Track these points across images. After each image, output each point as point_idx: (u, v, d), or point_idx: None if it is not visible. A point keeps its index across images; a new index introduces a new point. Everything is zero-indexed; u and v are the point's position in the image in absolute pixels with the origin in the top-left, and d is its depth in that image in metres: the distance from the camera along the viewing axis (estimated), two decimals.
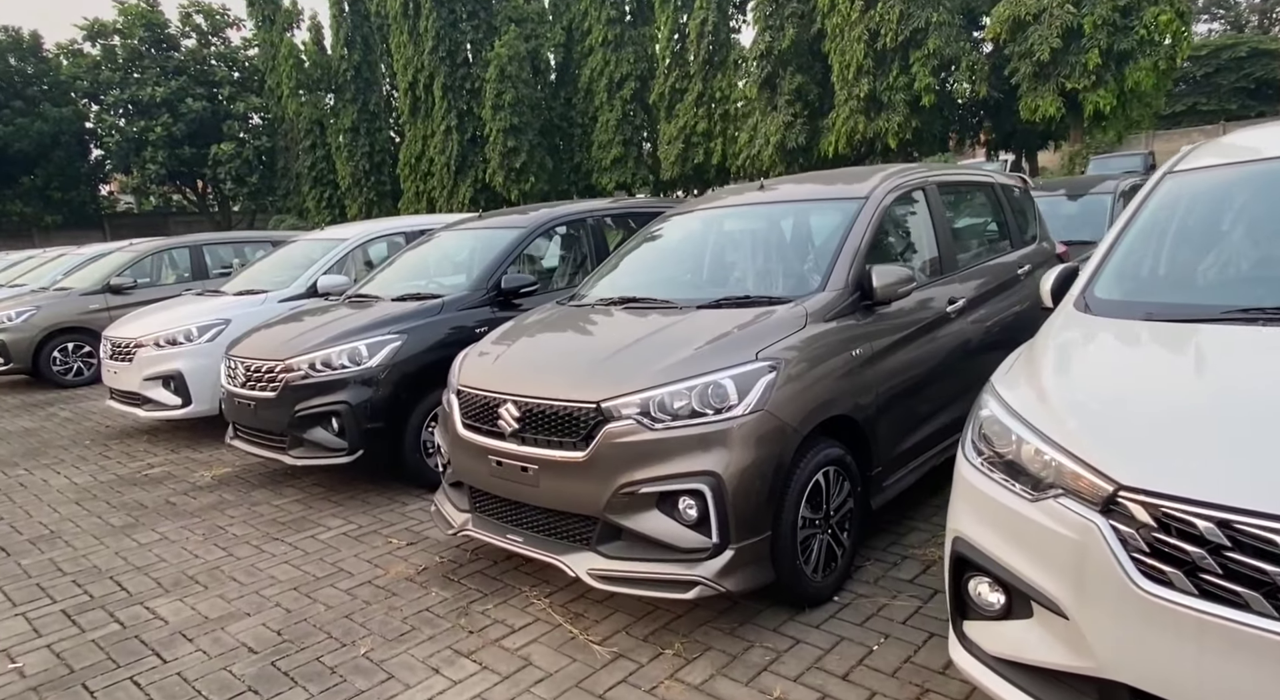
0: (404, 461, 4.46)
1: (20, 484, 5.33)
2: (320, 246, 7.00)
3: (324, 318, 4.83)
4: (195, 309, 6.21)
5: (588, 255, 5.62)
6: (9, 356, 8.99)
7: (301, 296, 6.40)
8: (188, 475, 5.29)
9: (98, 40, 37.05)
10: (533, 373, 2.93)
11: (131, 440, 6.41)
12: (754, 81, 17.55)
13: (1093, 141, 14.01)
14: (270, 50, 35.37)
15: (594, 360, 2.79)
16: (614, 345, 2.87)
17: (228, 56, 38.94)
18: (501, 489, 2.94)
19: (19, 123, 34.61)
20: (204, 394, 5.91)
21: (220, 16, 38.75)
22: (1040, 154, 20.24)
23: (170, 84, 35.80)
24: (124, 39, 36.49)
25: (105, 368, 6.41)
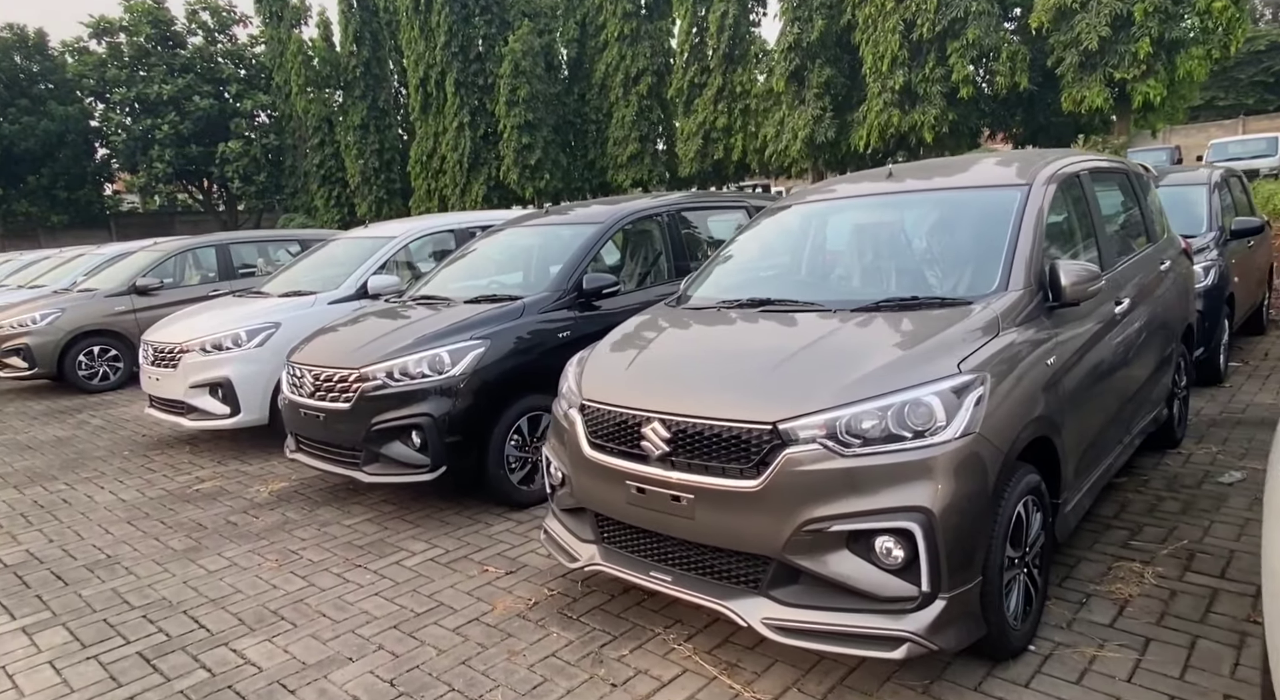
0: (486, 478, 4.12)
1: (64, 500, 5.00)
2: (366, 245, 6.66)
3: (395, 322, 4.49)
4: (242, 312, 5.87)
5: (661, 253, 5.28)
6: (34, 361, 8.66)
7: (352, 298, 6.08)
8: (243, 491, 4.95)
9: (104, 38, 36.67)
10: (683, 387, 2.58)
11: (173, 451, 6.08)
12: (781, 75, 17.15)
13: (1135, 134, 13.61)
14: (278, 47, 34.95)
15: (760, 374, 2.44)
16: (776, 355, 2.53)
17: (235, 54, 38.54)
18: (642, 520, 2.59)
19: (25, 121, 34.25)
20: (253, 402, 5.58)
21: (227, 13, 38.33)
22: (1071, 147, 19.87)
23: (177, 82, 35.39)
24: (130, 36, 36.10)
25: (145, 374, 6.07)
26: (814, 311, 2.85)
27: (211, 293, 9.78)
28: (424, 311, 4.57)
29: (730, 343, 2.82)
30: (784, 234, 3.71)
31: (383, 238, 6.58)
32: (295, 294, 6.17)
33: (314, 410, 4.25)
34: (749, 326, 2.90)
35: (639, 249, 5.32)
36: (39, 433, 7.04)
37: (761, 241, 3.76)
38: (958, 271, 2.90)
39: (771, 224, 3.80)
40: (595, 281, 4.48)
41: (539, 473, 4.29)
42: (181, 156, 35.93)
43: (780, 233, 3.74)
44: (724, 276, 3.61)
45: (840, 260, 3.39)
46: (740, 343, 2.80)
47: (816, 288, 3.29)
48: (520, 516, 4.14)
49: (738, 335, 2.87)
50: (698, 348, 2.88)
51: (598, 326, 4.54)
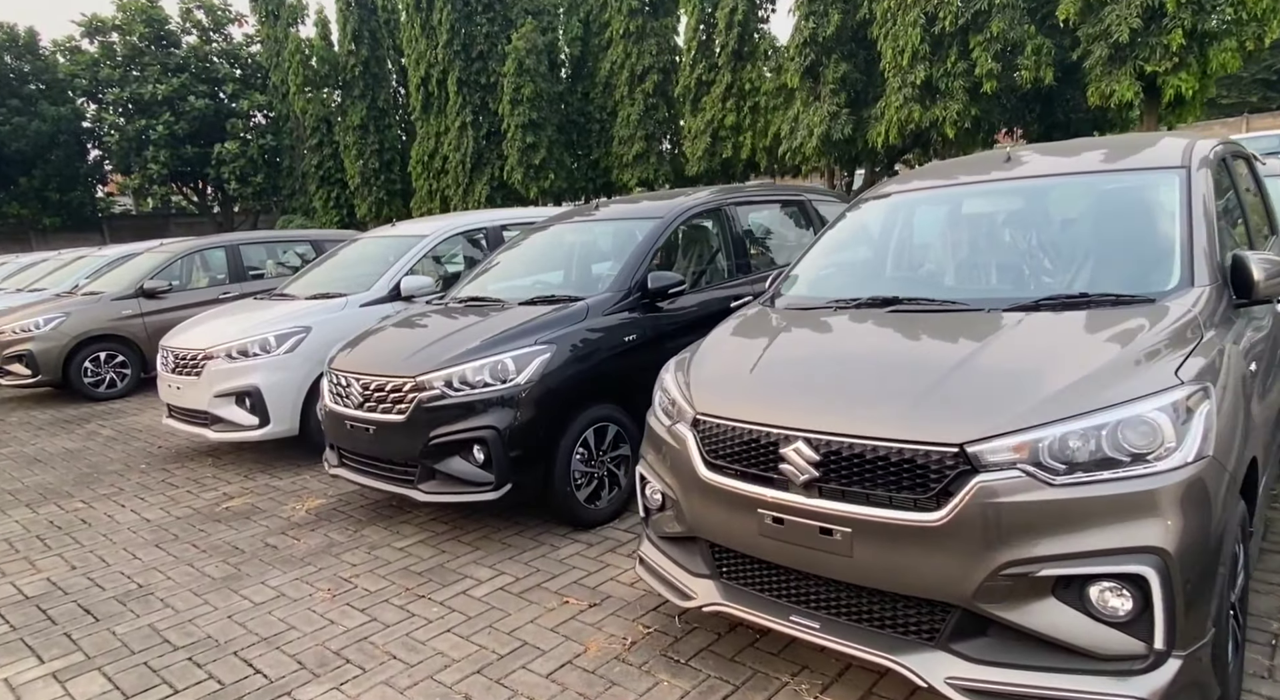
0: (552, 495, 3.77)
1: (82, 520, 4.62)
2: (395, 244, 6.30)
3: (447, 326, 4.14)
4: (268, 315, 5.50)
5: (719, 250, 4.94)
6: (37, 367, 8.27)
7: (384, 300, 5.72)
8: (276, 509, 4.59)
9: (96, 37, 36.13)
10: (832, 400, 2.24)
11: (194, 464, 5.71)
12: (795, 71, 16.81)
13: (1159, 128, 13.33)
14: (274, 46, 34.50)
15: (928, 385, 2.10)
16: (939, 363, 2.19)
17: (230, 53, 38.05)
18: (780, 555, 2.25)
19: (16, 122, 33.69)
20: (284, 412, 5.22)
21: (222, 12, 37.83)
22: None
23: (172, 82, 34.88)
24: (123, 36, 35.57)
25: (164, 382, 5.70)
26: (959, 311, 2.51)
27: (221, 296, 9.42)
28: (477, 315, 4.22)
29: (873, 348, 2.48)
30: (891, 226, 3.37)
31: (413, 237, 6.22)
32: (324, 296, 5.81)
33: (363, 423, 3.89)
34: (885, 329, 2.56)
35: (696, 246, 4.98)
36: (46, 444, 6.65)
37: (862, 235, 3.42)
38: (1119, 264, 2.57)
39: (873, 215, 3.46)
40: (661, 281, 4.14)
41: (605, 489, 3.96)
42: (176, 158, 35.44)
43: (885, 224, 3.40)
44: (825, 273, 3.28)
45: (969, 253, 3.05)
46: (886, 348, 2.46)
47: (948, 284, 2.95)
48: (588, 538, 3.80)
49: (878, 340, 2.52)
50: (833, 354, 2.53)
51: (662, 330, 4.23)
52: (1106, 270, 2.57)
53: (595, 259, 4.80)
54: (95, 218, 40.20)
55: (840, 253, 3.36)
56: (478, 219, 6.70)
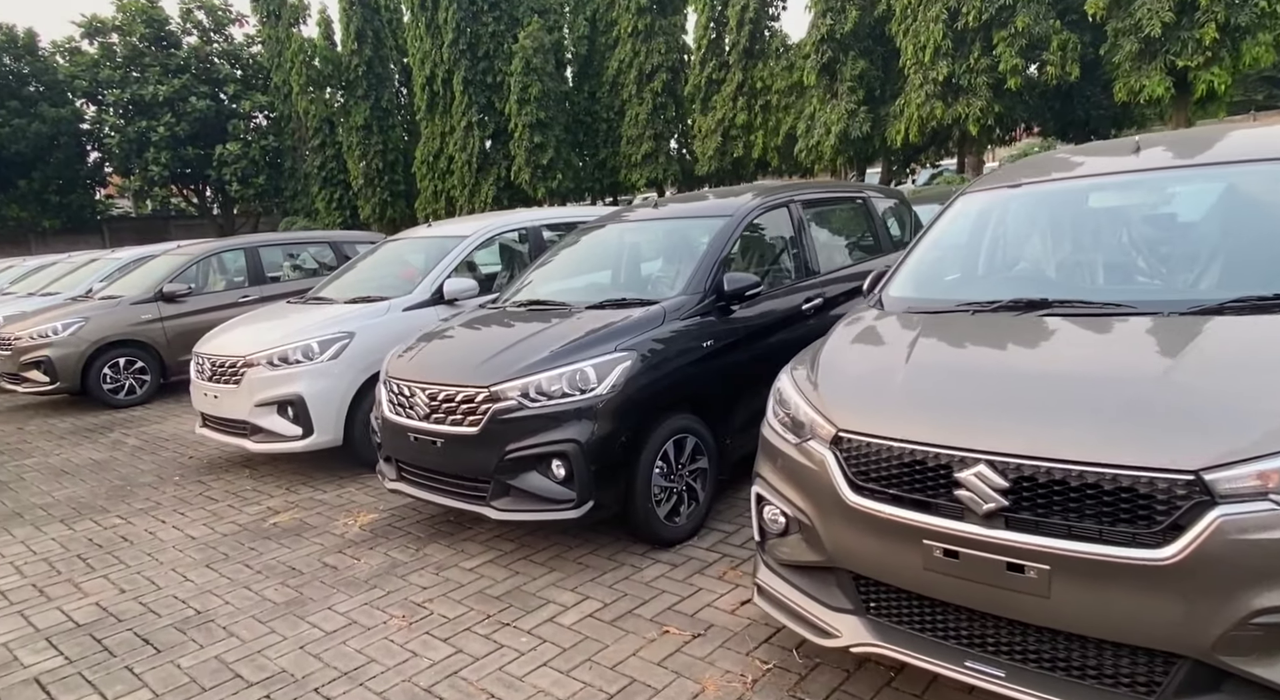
0: (633, 513, 3.54)
1: (123, 538, 4.38)
2: (435, 245, 6.07)
3: (515, 332, 3.91)
4: (309, 321, 5.26)
5: (784, 250, 4.71)
6: (56, 374, 8.01)
7: (427, 304, 5.49)
8: (328, 524, 4.35)
9: (96, 38, 35.79)
10: (1017, 416, 1.98)
11: (230, 476, 5.47)
12: (812, 68, 16.61)
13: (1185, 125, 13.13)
14: (276, 46, 34.22)
15: (1132, 401, 1.86)
16: (1138, 376, 1.96)
17: (231, 54, 37.73)
18: (954, 593, 2.01)
19: (15, 124, 33.33)
20: (328, 422, 4.98)
21: (223, 12, 37.50)
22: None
23: (173, 82, 34.56)
24: (123, 36, 35.23)
25: (200, 390, 5.46)
26: (1131, 315, 2.29)
27: (241, 299, 9.19)
28: (543, 319, 3.99)
29: (1045, 358, 2.24)
30: (1018, 220, 3.13)
31: (453, 238, 5.98)
32: (364, 300, 5.57)
33: (429, 435, 3.66)
34: (1051, 336, 2.33)
35: (761, 246, 4.74)
36: (71, 455, 6.40)
37: (980, 229, 3.18)
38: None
39: (992, 208, 3.22)
40: (737, 282, 3.91)
41: (684, 505, 3.73)
42: (177, 159, 35.11)
43: (1010, 218, 3.16)
44: (941, 272, 3.05)
45: (1124, 250, 2.79)
46: (1060, 358, 2.22)
47: (1101, 285, 2.72)
48: (669, 557, 3.57)
49: (1049, 349, 2.29)
50: (995, 364, 2.29)
51: (736, 335, 4.01)
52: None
53: (660, 260, 4.58)
54: (94, 220, 39.88)
55: (956, 249, 3.13)
56: (517, 219, 6.47)
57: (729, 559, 3.48)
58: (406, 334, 5.27)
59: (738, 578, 3.29)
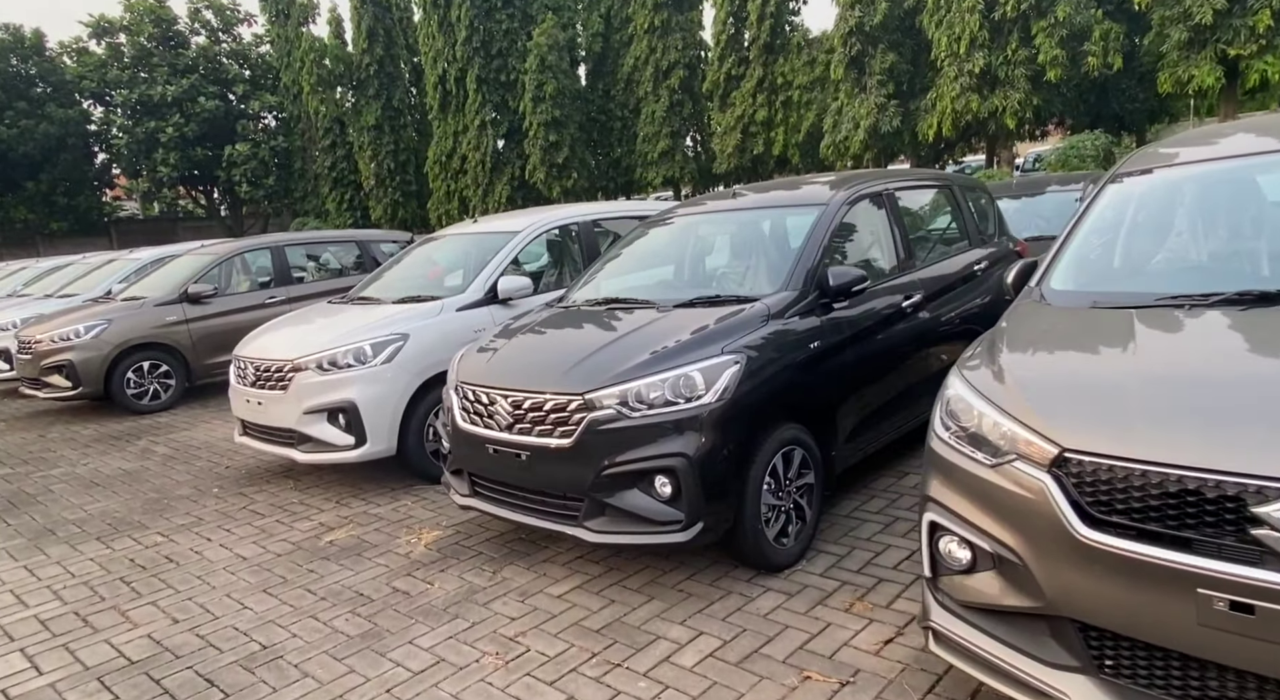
0: (741, 534, 3.19)
1: (167, 558, 4.04)
2: (485, 242, 5.73)
3: (600, 333, 3.56)
4: (360, 322, 4.92)
5: (877, 241, 4.35)
6: (78, 379, 7.69)
7: (481, 303, 5.15)
8: (389, 543, 4.01)
9: (104, 38, 35.57)
10: None
11: (272, 487, 5.13)
12: (839, 62, 16.26)
13: None
14: (285, 46, 33.98)
15: None
16: None
17: (239, 53, 37.48)
18: (1244, 656, 1.62)
19: (23, 125, 33.10)
20: (382, 430, 4.64)
21: (231, 12, 37.25)
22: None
23: (181, 83, 34.32)
24: (131, 36, 35.00)
25: (241, 397, 5.12)
26: None
27: (268, 300, 8.87)
28: (631, 319, 3.64)
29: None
30: (1201, 203, 2.77)
31: (504, 233, 5.64)
32: (413, 300, 5.24)
33: (512, 447, 3.31)
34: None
35: (854, 238, 4.37)
36: (99, 464, 6.08)
37: (1153, 214, 2.82)
38: None
39: (1164, 191, 2.86)
40: (843, 277, 3.56)
41: (792, 524, 3.38)
42: (186, 160, 34.86)
43: (1188, 201, 2.80)
44: (1120, 261, 2.69)
45: None
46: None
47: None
48: (780, 584, 3.22)
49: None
50: (1257, 370, 1.93)
51: (841, 335, 3.66)
52: None
53: (745, 253, 4.22)
54: (102, 222, 39.69)
55: (1129, 237, 2.77)
56: (567, 214, 6.10)
57: (851, 588, 3.13)
58: (461, 335, 4.96)
59: (868, 611, 2.94)
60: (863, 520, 3.76)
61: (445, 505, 4.46)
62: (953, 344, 4.49)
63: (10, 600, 3.66)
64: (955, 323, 4.49)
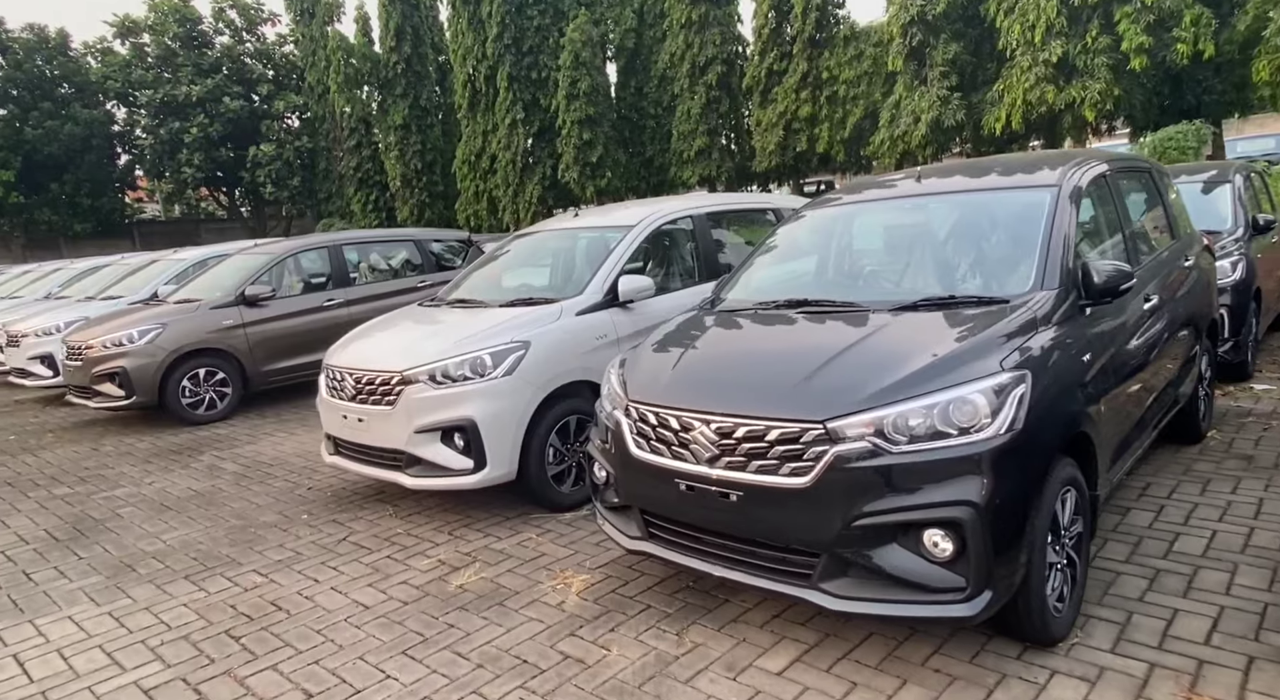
0: (1028, 602, 2.54)
1: (273, 604, 3.45)
2: (594, 238, 5.15)
3: (812, 344, 2.94)
4: (473, 328, 4.32)
5: (1101, 232, 3.69)
6: (132, 387, 7.15)
7: (600, 306, 4.55)
8: (529, 588, 3.40)
9: (128, 38, 35.35)
10: None
11: (369, 514, 4.54)
12: (898, 53, 15.58)
13: None
14: (310, 45, 33.63)
15: None
16: None
17: (263, 53, 37.17)
18: None
19: (48, 126, 32.92)
20: (503, 452, 4.04)
21: (255, 11, 36.95)
22: None
23: (206, 82, 34.03)
24: (156, 36, 34.74)
25: (336, 412, 4.52)
26: None
27: (326, 303, 8.34)
28: (841, 326, 3.02)
29: None
30: None
31: (619, 227, 5.03)
32: (524, 302, 4.64)
33: (717, 486, 2.67)
34: None
35: (1084, 226, 3.70)
36: (165, 483, 5.51)
37: None
38: None
39: None
40: (1108, 274, 2.93)
41: (1073, 585, 2.74)
42: (210, 161, 34.57)
43: None
44: None
45: None
46: None
47: None
48: (1064, 665, 2.56)
49: None
50: None
51: (1103, 344, 3.04)
52: None
53: (964, 245, 3.55)
54: (124, 224, 39.54)
55: None
56: (680, 206, 5.47)
57: (1166, 671, 2.48)
58: (583, 343, 4.39)
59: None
60: (1114, 571, 3.12)
61: (580, 541, 3.87)
62: (1177, 347, 3.86)
63: (102, 660, 3.08)
64: (1179, 323, 3.87)
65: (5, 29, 33.32)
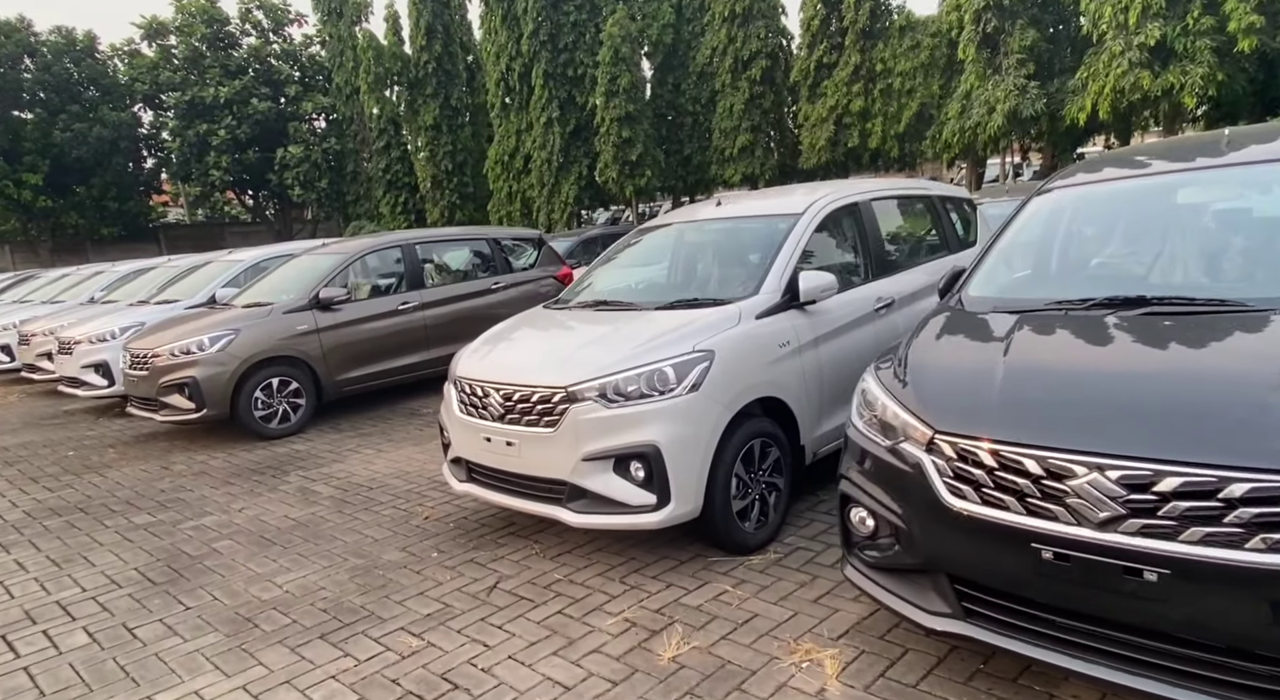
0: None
1: (446, 679, 2.78)
2: (757, 228, 4.47)
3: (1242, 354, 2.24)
4: (639, 336, 3.64)
5: None
6: (202, 399, 6.55)
7: (779, 308, 3.87)
8: (764, 666, 2.72)
9: (155, 40, 35.11)
10: None
11: (508, 551, 3.88)
12: (969, 39, 14.82)
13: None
14: (338, 45, 33.25)
15: None
16: None
17: (289, 54, 36.85)
18: None
19: (77, 128, 32.71)
20: (688, 485, 3.37)
21: (281, 11, 36.63)
22: None
23: (233, 84, 33.73)
24: (184, 37, 34.47)
25: (476, 434, 3.85)
26: None
27: (401, 306, 7.73)
28: (1247, 330, 2.31)
29: None
30: None
31: (783, 215, 4.34)
32: (687, 304, 3.96)
33: (1128, 557, 1.92)
34: None
35: None
36: (256, 510, 4.88)
37: None
38: None
39: None
40: None
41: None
42: (238, 163, 34.23)
43: None
44: None
45: None
46: None
47: None
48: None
49: None
50: None
51: None
52: None
53: None
54: (150, 228, 39.39)
55: None
56: (850, 190, 4.73)
57: None
58: (767, 351, 3.74)
59: None
60: None
61: (793, 598, 3.19)
62: None
63: None
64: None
65: (33, 32, 33.17)
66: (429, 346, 7.88)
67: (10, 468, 6.51)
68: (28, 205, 32.28)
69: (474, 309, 8.26)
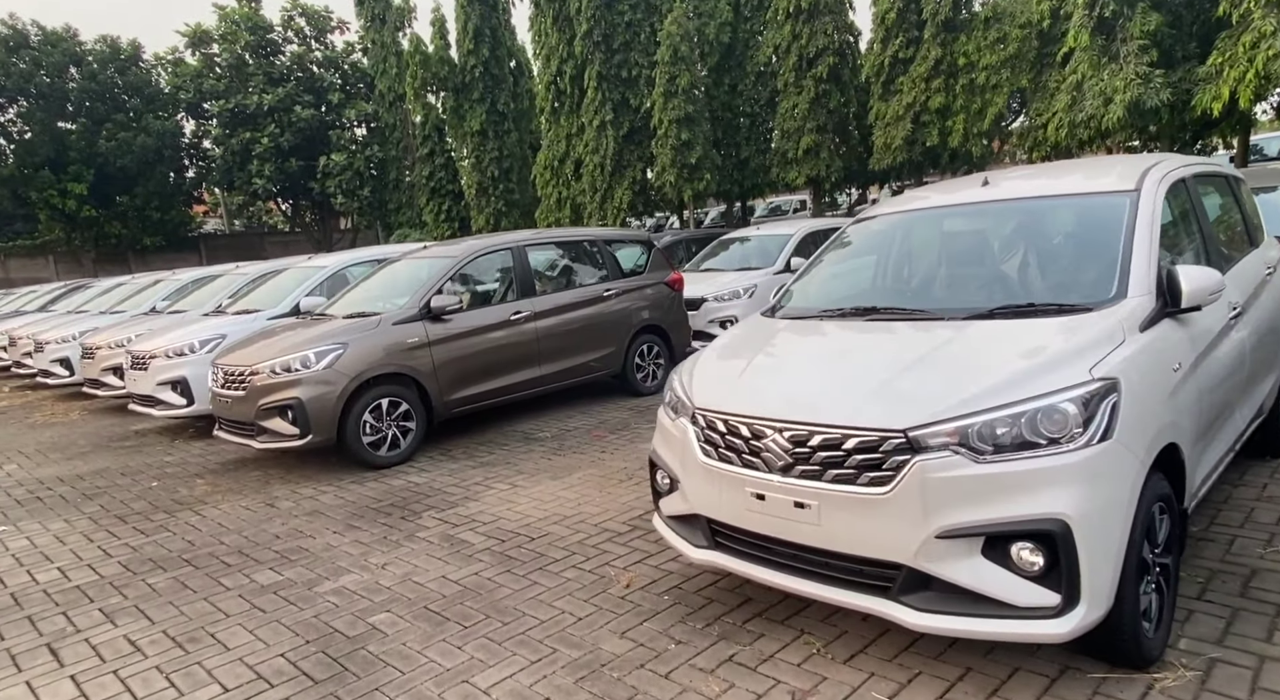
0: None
1: None
2: (1080, 205, 3.46)
3: None
4: (990, 359, 2.63)
5: None
6: (308, 423, 5.64)
7: (1156, 316, 2.83)
8: None
9: (199, 48, 34.94)
10: None
11: (761, 641, 2.89)
12: (1082, 25, 13.70)
13: None
14: (381, 52, 32.83)
15: None
16: None
17: (331, 61, 36.52)
18: None
19: (121, 137, 32.55)
20: (1103, 576, 2.35)
21: (323, 18, 36.32)
22: None
23: (277, 92, 33.41)
24: (227, 45, 34.23)
25: (736, 487, 2.82)
26: None
27: (513, 316, 6.81)
28: None
29: None
30: None
31: (1110, 193, 3.33)
32: (1019, 311, 2.94)
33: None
34: None
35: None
36: (402, 567, 3.93)
37: None
38: None
39: None
40: None
41: None
42: (280, 171, 33.86)
43: None
44: None
45: None
46: None
47: None
48: None
49: None
50: None
51: None
52: None
53: None
54: (191, 237, 39.28)
55: None
56: (1174, 163, 3.73)
57: None
58: (1163, 378, 2.72)
59: None
60: None
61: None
62: None
63: None
64: None
65: (79, 41, 33.13)
66: (540, 362, 6.96)
67: (91, 503, 5.65)
68: (72, 215, 32.15)
69: (586, 319, 7.35)
